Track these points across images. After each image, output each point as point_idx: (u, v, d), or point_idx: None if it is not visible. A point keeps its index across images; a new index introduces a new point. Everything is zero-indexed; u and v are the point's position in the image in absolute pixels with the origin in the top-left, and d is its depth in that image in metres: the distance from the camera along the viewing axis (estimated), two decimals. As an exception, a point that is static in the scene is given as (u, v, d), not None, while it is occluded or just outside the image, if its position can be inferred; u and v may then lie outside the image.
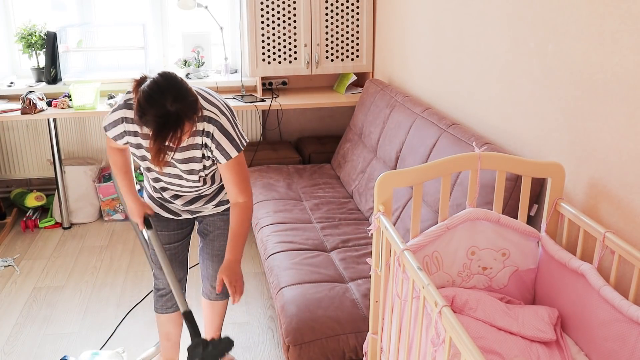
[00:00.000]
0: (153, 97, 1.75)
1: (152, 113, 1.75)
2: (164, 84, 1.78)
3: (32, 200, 4.03)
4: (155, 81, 1.78)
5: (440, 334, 1.41)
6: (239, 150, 1.98)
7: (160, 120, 1.75)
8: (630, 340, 1.55)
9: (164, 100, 1.75)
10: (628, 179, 1.76)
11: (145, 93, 1.76)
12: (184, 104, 1.78)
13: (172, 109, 1.75)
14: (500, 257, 1.98)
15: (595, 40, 1.87)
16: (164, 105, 1.75)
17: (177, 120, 1.77)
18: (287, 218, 3.04)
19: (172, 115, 1.76)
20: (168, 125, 1.76)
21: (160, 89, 1.76)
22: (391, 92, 3.42)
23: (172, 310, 2.35)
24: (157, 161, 1.83)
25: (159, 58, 4.37)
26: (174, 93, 1.77)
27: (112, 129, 2.01)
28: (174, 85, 1.79)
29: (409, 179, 1.85)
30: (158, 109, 1.75)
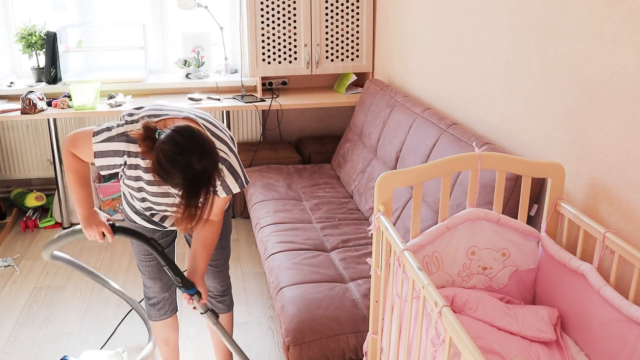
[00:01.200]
0: (177, 159, 1.63)
1: (181, 177, 1.64)
2: (186, 143, 1.65)
3: (32, 200, 4.03)
4: (174, 140, 1.65)
5: (440, 334, 1.41)
6: (241, 188, 1.92)
7: (191, 182, 1.64)
8: (630, 340, 1.55)
9: (190, 160, 1.63)
10: (628, 179, 1.76)
11: (168, 155, 1.63)
12: (210, 159, 1.68)
13: (200, 167, 1.65)
14: (500, 257, 1.98)
15: (595, 40, 1.87)
16: (190, 165, 1.63)
17: (208, 178, 1.68)
18: (287, 218, 3.04)
19: (201, 174, 1.65)
20: (200, 185, 1.66)
21: (183, 149, 1.64)
22: (391, 92, 3.42)
23: (167, 316, 2.32)
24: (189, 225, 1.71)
25: (159, 58, 4.37)
26: (199, 150, 1.65)
27: (106, 158, 1.85)
28: (195, 141, 1.67)
29: (409, 179, 1.85)
30: (186, 171, 1.63)
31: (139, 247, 2.19)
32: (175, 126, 1.69)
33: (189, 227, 1.73)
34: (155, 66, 4.37)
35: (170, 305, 2.31)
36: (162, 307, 2.30)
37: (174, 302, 2.32)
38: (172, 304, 2.32)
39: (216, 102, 3.89)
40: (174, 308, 2.33)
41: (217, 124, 1.97)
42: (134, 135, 1.74)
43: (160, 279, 2.24)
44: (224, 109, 3.86)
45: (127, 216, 2.18)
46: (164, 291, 2.27)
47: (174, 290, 2.31)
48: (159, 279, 2.24)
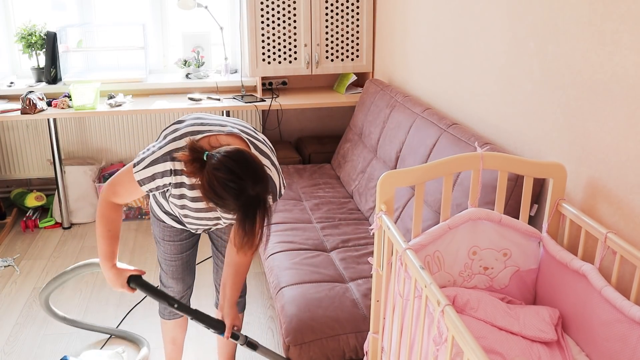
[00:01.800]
0: (231, 186, 1.60)
1: (235, 203, 1.62)
2: (239, 169, 1.62)
3: (32, 200, 4.03)
4: (227, 167, 1.61)
5: (443, 333, 1.41)
6: (274, 200, 1.90)
7: (246, 208, 1.62)
8: (632, 341, 1.55)
9: (245, 186, 1.61)
10: (628, 179, 1.77)
11: (221, 182, 1.60)
12: (263, 183, 1.65)
13: (254, 192, 1.62)
14: (502, 257, 1.99)
15: (595, 40, 1.87)
16: (245, 192, 1.61)
17: (263, 202, 1.65)
18: (287, 218, 3.04)
19: (256, 199, 1.63)
20: (256, 209, 1.64)
21: (238, 176, 1.61)
22: (391, 92, 3.42)
23: (180, 316, 2.32)
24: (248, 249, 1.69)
25: (159, 58, 4.37)
26: (252, 176, 1.63)
27: (154, 181, 1.83)
28: (248, 166, 1.63)
29: (412, 178, 1.85)
30: (240, 197, 1.61)
31: (165, 246, 2.16)
32: (226, 151, 1.65)
33: (250, 251, 1.71)
34: (155, 66, 4.37)
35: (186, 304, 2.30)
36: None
37: (188, 302, 2.31)
38: (187, 302, 2.30)
39: (216, 102, 3.89)
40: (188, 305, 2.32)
41: (259, 136, 1.93)
42: (180, 157, 1.71)
43: (183, 280, 2.23)
44: (224, 109, 3.86)
45: (153, 214, 2.15)
46: (184, 291, 2.26)
47: (191, 290, 2.31)
48: (181, 280, 2.22)
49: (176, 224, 2.10)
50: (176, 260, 2.19)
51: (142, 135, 4.29)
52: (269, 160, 1.88)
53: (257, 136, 1.92)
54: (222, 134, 1.82)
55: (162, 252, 2.19)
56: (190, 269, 2.26)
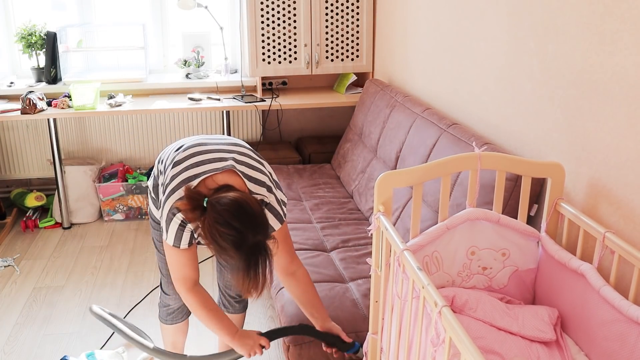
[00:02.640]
0: (231, 239, 1.63)
1: (234, 253, 1.65)
2: (238, 222, 1.63)
3: (32, 200, 4.04)
4: (226, 221, 1.63)
5: (440, 334, 1.41)
6: (281, 223, 1.92)
7: (248, 257, 1.65)
8: (630, 340, 1.55)
9: (245, 237, 1.63)
10: (628, 179, 1.76)
11: (223, 235, 1.63)
12: (263, 231, 1.68)
13: (255, 240, 1.65)
14: (500, 257, 1.98)
15: (595, 40, 1.87)
16: (245, 242, 1.64)
17: (264, 248, 1.68)
18: (287, 218, 3.04)
19: (257, 246, 1.66)
20: (257, 257, 1.66)
21: (236, 229, 1.63)
22: (391, 92, 3.42)
23: (181, 320, 2.31)
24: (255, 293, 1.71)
25: (159, 58, 4.37)
26: (251, 226, 1.65)
27: (181, 241, 1.85)
28: (247, 218, 1.65)
29: (409, 179, 1.85)
30: (242, 248, 1.64)
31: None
32: (225, 203, 1.65)
33: (256, 295, 1.72)
34: (155, 66, 4.37)
35: (185, 310, 2.29)
36: (179, 314, 2.29)
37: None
38: (187, 309, 2.29)
39: (216, 102, 3.89)
40: (187, 312, 2.31)
41: (255, 162, 1.92)
42: (179, 206, 1.72)
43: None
44: (224, 109, 3.87)
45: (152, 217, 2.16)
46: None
47: None
48: None
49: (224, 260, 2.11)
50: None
51: (142, 135, 4.29)
52: (265, 188, 1.87)
53: (254, 165, 1.90)
54: (218, 173, 1.81)
55: (162, 257, 2.17)
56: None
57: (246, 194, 1.72)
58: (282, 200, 1.95)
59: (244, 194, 1.71)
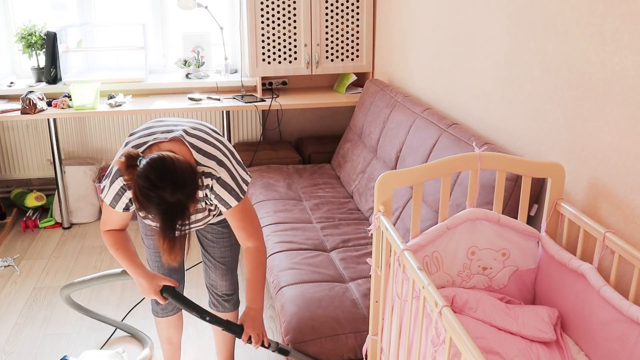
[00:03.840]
0: (149, 194, 1.65)
1: (154, 210, 1.66)
2: (157, 178, 1.65)
3: (32, 200, 4.03)
4: (147, 176, 1.66)
5: (441, 334, 1.41)
6: (238, 200, 1.91)
7: (165, 215, 1.66)
8: (630, 340, 1.55)
9: (163, 195, 1.65)
10: (628, 179, 1.76)
11: (141, 188, 1.66)
12: (184, 190, 1.68)
13: (173, 199, 1.66)
14: (500, 257, 1.98)
15: (595, 40, 1.87)
16: (163, 199, 1.65)
17: (182, 209, 1.68)
18: (287, 218, 3.04)
19: (174, 206, 1.66)
20: (174, 217, 1.68)
21: (155, 185, 1.64)
22: (391, 92, 3.42)
23: (173, 313, 2.32)
24: (171, 256, 1.72)
25: (159, 58, 4.37)
26: (171, 184, 1.65)
27: (117, 203, 1.89)
28: (167, 175, 1.66)
29: (409, 179, 1.85)
30: (158, 204, 1.65)
31: (147, 241, 2.19)
32: (150, 158, 1.68)
33: (172, 257, 1.74)
34: (155, 66, 4.37)
35: None
36: (169, 304, 2.30)
37: None
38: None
39: (216, 102, 3.89)
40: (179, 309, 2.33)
41: (210, 137, 1.93)
42: (118, 165, 1.74)
43: (170, 276, 2.23)
44: (224, 109, 3.86)
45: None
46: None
47: (181, 289, 2.30)
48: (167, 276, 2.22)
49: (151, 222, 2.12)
50: (159, 256, 2.18)
51: (142, 135, 4.29)
52: (214, 161, 1.87)
53: (206, 138, 1.91)
54: (165, 141, 1.83)
55: (147, 248, 2.22)
56: (174, 267, 2.24)
57: (175, 155, 1.72)
58: (240, 178, 1.93)
59: (174, 155, 1.71)
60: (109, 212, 1.95)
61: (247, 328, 1.96)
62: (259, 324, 1.98)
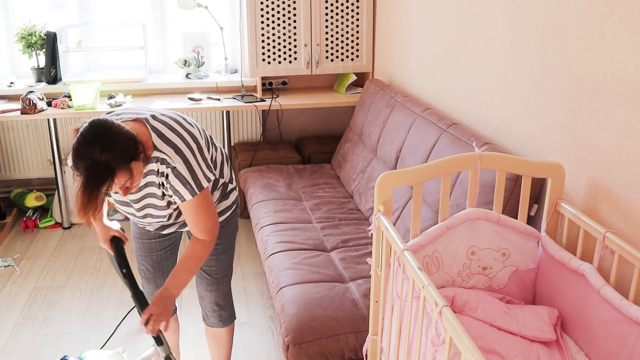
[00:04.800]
0: (80, 149, 1.67)
1: (82, 165, 1.67)
2: (90, 134, 1.68)
3: (32, 200, 4.03)
4: (81, 133, 1.70)
5: (441, 334, 1.41)
6: (192, 194, 1.85)
7: (89, 172, 1.66)
8: (630, 340, 1.55)
9: (92, 151, 1.66)
10: (628, 179, 1.76)
11: (74, 146, 1.69)
12: (114, 152, 1.68)
13: (102, 159, 1.66)
14: (500, 257, 1.98)
15: (595, 40, 1.87)
16: (91, 156, 1.66)
17: (108, 170, 1.68)
18: (287, 218, 3.04)
19: (101, 165, 1.66)
20: (98, 175, 1.67)
21: (86, 140, 1.67)
22: (391, 92, 3.42)
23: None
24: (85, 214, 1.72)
25: (159, 58, 4.37)
26: (102, 142, 1.67)
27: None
28: (102, 133, 1.68)
29: (409, 179, 1.85)
30: (86, 160, 1.66)
31: (135, 243, 2.20)
32: (91, 119, 1.73)
33: (85, 216, 1.74)
34: (155, 66, 4.37)
35: None
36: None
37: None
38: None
39: (216, 102, 3.89)
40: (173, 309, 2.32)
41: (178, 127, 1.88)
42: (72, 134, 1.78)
43: (155, 282, 2.23)
44: (224, 109, 3.86)
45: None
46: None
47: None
48: (152, 280, 2.23)
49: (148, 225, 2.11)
50: (145, 259, 2.19)
51: (142, 135, 4.29)
52: (172, 148, 1.82)
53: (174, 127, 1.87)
54: (129, 120, 1.83)
55: (135, 250, 2.23)
56: (162, 271, 2.22)
57: (120, 124, 1.73)
58: (200, 173, 1.86)
59: (118, 123, 1.73)
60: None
61: (152, 305, 1.87)
62: (166, 309, 1.88)
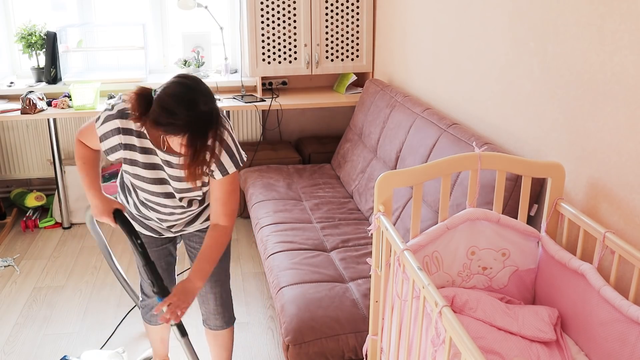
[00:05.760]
0: (183, 97, 1.57)
1: (185, 113, 1.56)
2: (193, 84, 1.61)
3: (32, 200, 4.03)
4: (179, 82, 1.61)
5: (441, 334, 1.41)
6: (237, 167, 1.82)
7: (196, 120, 1.57)
8: (630, 340, 1.55)
9: (197, 99, 1.58)
10: (628, 179, 1.76)
11: (172, 94, 1.58)
12: (215, 106, 1.63)
13: (206, 108, 1.58)
14: (500, 257, 1.98)
15: (595, 40, 1.87)
16: (197, 104, 1.57)
17: (216, 121, 1.61)
18: (287, 218, 3.04)
19: (209, 115, 1.59)
20: (206, 125, 1.59)
21: (191, 89, 1.59)
22: (391, 92, 3.42)
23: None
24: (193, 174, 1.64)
25: (159, 58, 4.37)
26: (205, 93, 1.61)
27: (107, 140, 1.82)
28: (202, 85, 1.63)
29: (409, 179, 1.85)
30: (191, 108, 1.56)
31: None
32: (176, 76, 1.65)
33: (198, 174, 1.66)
34: (155, 66, 4.37)
35: None
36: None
37: None
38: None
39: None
40: None
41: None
42: (126, 97, 1.68)
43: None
44: (224, 109, 3.86)
45: None
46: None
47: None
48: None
49: (144, 229, 2.11)
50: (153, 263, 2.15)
51: (142, 135, 4.29)
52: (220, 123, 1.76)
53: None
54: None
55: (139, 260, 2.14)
56: (168, 277, 2.21)
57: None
58: (239, 147, 1.85)
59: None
60: (93, 135, 1.88)
61: (174, 296, 1.80)
62: (187, 301, 1.82)
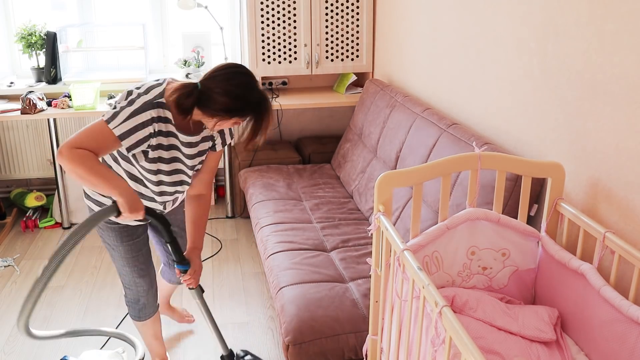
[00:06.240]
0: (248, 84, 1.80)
1: (256, 97, 1.80)
2: (246, 70, 1.82)
3: (32, 200, 4.03)
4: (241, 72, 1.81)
5: (441, 334, 1.41)
6: (232, 137, 2.11)
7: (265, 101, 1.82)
8: (630, 340, 1.55)
9: (255, 83, 1.82)
10: (628, 179, 1.76)
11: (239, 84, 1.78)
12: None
13: (260, 93, 1.83)
14: (500, 257, 1.98)
15: (595, 40, 1.87)
16: (258, 87, 1.82)
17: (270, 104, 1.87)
18: (287, 218, 3.04)
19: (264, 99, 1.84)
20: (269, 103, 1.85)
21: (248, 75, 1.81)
22: (391, 92, 3.42)
23: (154, 311, 2.35)
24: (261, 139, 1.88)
25: (159, 58, 4.37)
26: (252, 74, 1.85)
27: (136, 134, 1.78)
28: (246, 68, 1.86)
29: (409, 179, 1.85)
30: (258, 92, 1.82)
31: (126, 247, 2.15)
32: (227, 65, 1.81)
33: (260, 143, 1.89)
34: (155, 66, 4.37)
35: (155, 298, 2.33)
36: (151, 305, 2.32)
37: (156, 294, 2.34)
38: (155, 296, 2.33)
39: (216, 102, 3.89)
40: (156, 299, 2.35)
41: None
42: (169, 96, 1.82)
43: (149, 275, 2.26)
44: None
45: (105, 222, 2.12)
46: (152, 286, 2.28)
47: (156, 286, 2.32)
48: (147, 275, 2.25)
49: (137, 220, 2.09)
50: (138, 258, 2.19)
51: (142, 135, 4.29)
52: None
53: None
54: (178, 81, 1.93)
55: (124, 255, 2.16)
56: (150, 263, 2.27)
57: None
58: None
59: None
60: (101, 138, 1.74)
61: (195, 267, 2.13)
62: (201, 265, 2.18)
